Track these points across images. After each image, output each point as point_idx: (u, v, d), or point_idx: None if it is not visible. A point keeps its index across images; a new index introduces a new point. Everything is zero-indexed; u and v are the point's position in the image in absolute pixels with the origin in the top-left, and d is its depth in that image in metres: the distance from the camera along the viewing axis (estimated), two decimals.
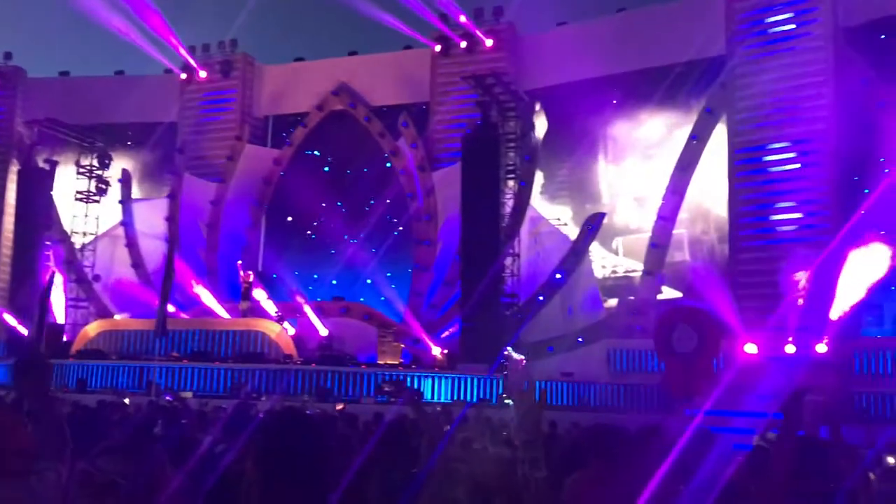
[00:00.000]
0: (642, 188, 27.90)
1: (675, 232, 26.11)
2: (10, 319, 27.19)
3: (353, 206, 31.42)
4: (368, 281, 30.55)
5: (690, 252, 26.93)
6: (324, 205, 31.62)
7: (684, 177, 25.60)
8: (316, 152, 33.22)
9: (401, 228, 30.83)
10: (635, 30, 27.74)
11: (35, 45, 38.55)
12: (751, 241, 24.43)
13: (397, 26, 31.01)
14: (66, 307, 29.41)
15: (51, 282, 26.24)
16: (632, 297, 25.96)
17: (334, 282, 31.12)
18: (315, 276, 31.49)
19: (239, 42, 34.24)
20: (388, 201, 30.76)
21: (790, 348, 19.32)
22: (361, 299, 29.25)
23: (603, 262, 28.35)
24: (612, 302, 26.88)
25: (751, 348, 20.15)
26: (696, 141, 25.59)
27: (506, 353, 21.49)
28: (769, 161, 24.37)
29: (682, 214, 26.23)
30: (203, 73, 33.79)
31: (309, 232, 32.99)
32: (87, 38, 35.54)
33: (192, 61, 33.83)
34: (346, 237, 31.49)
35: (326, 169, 33.00)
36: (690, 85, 26.27)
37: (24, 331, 26.70)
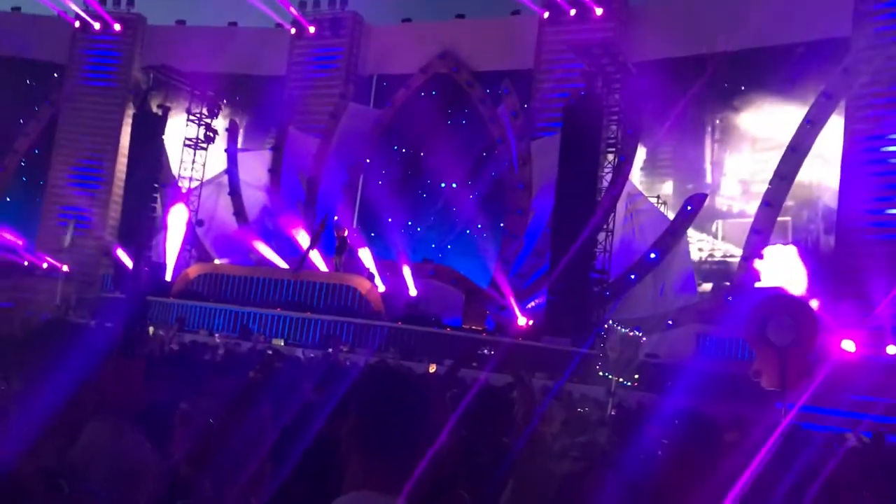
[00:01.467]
0: (749, 171, 26.94)
1: (779, 219, 25.15)
2: (123, 255, 28.59)
3: (451, 171, 31.49)
4: (456, 245, 30.71)
5: (794, 240, 25.93)
6: (422, 167, 31.85)
7: (794, 162, 24.54)
8: (417, 114, 33.34)
9: (495, 193, 30.74)
10: (755, 5, 26.54)
11: None
12: (860, 234, 23.30)
13: None
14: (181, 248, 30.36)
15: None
16: (727, 283, 25.26)
17: (422, 239, 31.42)
18: (405, 229, 31.83)
19: (348, 0, 34.59)
20: (484, 167, 30.73)
21: (893, 349, 18.49)
22: (456, 263, 29.43)
23: (700, 244, 27.63)
24: (707, 286, 26.22)
25: (848, 345, 19.37)
26: (811, 125, 24.44)
27: (607, 326, 21.23)
28: (888, 152, 23.11)
29: (789, 201, 25.22)
30: (312, 29, 34.34)
31: (405, 191, 33.31)
32: None
33: (301, 17, 34.41)
34: (442, 200, 31.67)
35: (426, 131, 33.12)
36: (810, 67, 25.04)
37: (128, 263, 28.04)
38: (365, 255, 27.76)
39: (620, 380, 17.52)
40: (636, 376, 19.48)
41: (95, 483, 2.22)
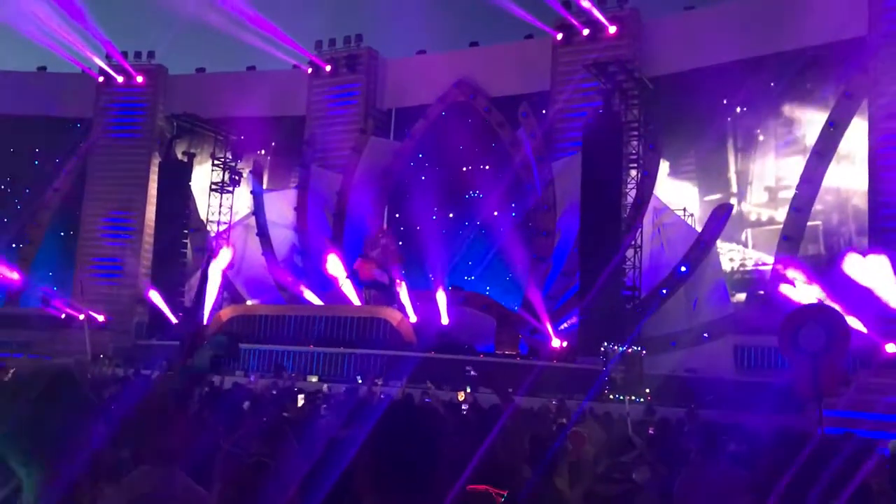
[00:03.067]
0: (774, 177, 26.68)
1: (809, 223, 24.82)
2: (157, 298, 29.01)
3: (473, 198, 31.62)
4: (486, 271, 30.68)
5: (826, 244, 25.56)
6: (444, 196, 31.97)
7: (820, 166, 24.25)
8: (436, 144, 33.56)
9: (519, 217, 30.74)
10: (767, 11, 26.44)
11: (175, 43, 40.73)
12: (893, 233, 22.91)
13: (519, 14, 30.88)
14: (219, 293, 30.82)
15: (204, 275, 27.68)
16: (761, 292, 24.90)
17: (470, 276, 31.41)
18: (431, 258, 31.92)
19: (364, 36, 35.08)
20: (507, 192, 30.78)
21: None
22: (488, 289, 29.43)
23: (731, 254, 27.33)
24: (741, 296, 25.89)
25: (892, 349, 18.98)
26: (834, 128, 24.17)
27: (603, 349, 21.06)
28: None
29: (817, 206, 24.89)
30: (328, 68, 34.85)
31: (429, 222, 33.41)
32: (220, 36, 37.20)
33: (317, 57, 34.96)
34: (463, 228, 31.74)
35: (447, 160, 33.29)
36: (828, 68, 24.85)
37: (172, 318, 28.47)
38: (401, 287, 27.83)
39: (632, 398, 17.37)
40: (647, 391, 19.29)
41: None
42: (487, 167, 32.05)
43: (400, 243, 30.07)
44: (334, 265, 28.81)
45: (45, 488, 1.90)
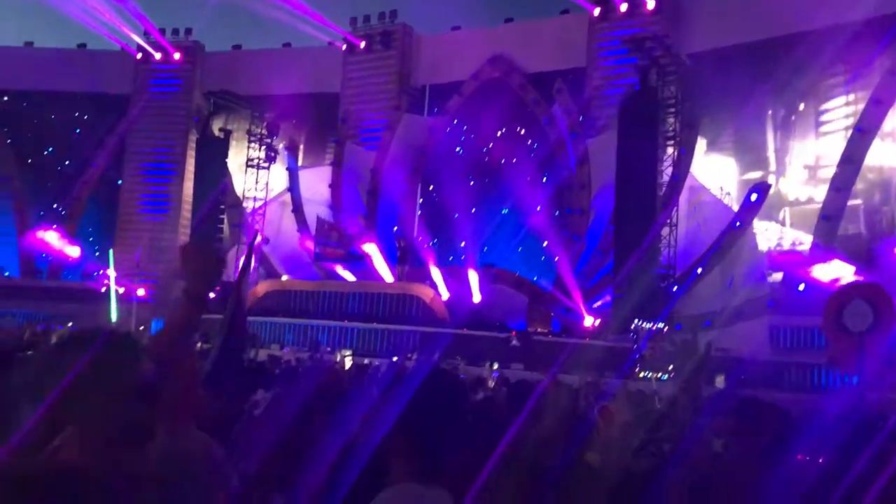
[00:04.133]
0: (814, 156, 26.20)
1: (849, 203, 24.36)
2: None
3: (507, 174, 31.49)
4: (518, 248, 30.67)
5: (866, 224, 25.09)
6: (478, 173, 31.92)
7: (862, 144, 23.74)
8: (471, 121, 33.45)
9: (553, 194, 30.59)
10: None
11: (211, 20, 41.04)
12: None
13: None
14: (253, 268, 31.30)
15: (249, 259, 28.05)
16: (799, 272, 24.54)
17: (482, 244, 31.47)
18: (465, 236, 31.98)
19: (398, 12, 34.98)
20: (541, 169, 30.65)
21: None
22: (519, 268, 29.39)
23: (768, 233, 26.96)
24: (777, 276, 25.55)
25: None
26: (877, 105, 23.63)
27: (633, 327, 20.98)
28: None
29: (858, 184, 24.41)
30: (363, 45, 34.82)
31: (463, 198, 33.41)
32: (256, 13, 37.42)
33: (351, 33, 34.96)
34: (499, 205, 31.69)
35: (481, 137, 33.20)
36: (871, 44, 24.23)
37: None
38: (429, 262, 27.97)
39: (659, 375, 17.33)
40: (670, 367, 19.20)
41: (177, 484, 2.31)
42: (521, 144, 31.89)
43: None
44: (374, 254, 29.14)
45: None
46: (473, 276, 26.79)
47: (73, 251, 26.65)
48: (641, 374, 18.27)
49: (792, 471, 3.25)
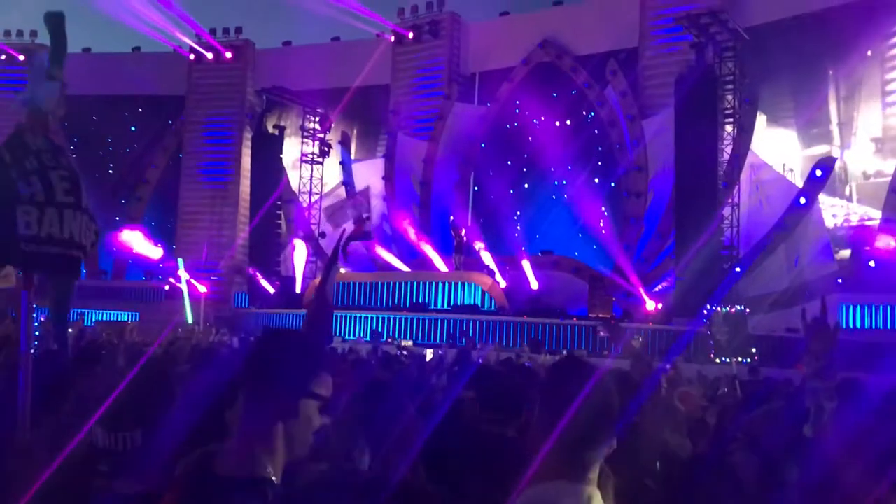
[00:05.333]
0: (881, 127, 25.32)
1: None
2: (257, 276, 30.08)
3: (561, 159, 31.17)
4: (577, 234, 30.36)
5: None
6: (531, 159, 31.68)
7: None
8: (522, 107, 33.19)
9: (609, 178, 30.19)
10: None
11: (261, 18, 41.46)
12: None
13: None
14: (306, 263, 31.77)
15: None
16: (868, 248, 23.78)
17: (537, 232, 31.28)
18: (520, 223, 31.81)
19: (446, 0, 34.83)
20: (595, 152, 30.29)
21: None
22: (576, 253, 29.18)
23: (834, 209, 26.18)
24: (845, 253, 24.81)
25: None
26: None
27: (707, 310, 20.55)
28: None
29: None
30: (411, 35, 34.81)
31: (516, 185, 33.24)
32: (304, 9, 37.66)
33: (399, 25, 35.00)
34: (553, 191, 31.41)
35: (533, 123, 32.93)
36: None
37: (269, 288, 29.32)
38: (481, 250, 27.91)
39: (739, 359, 16.96)
40: (753, 350, 18.76)
41: None
42: (574, 128, 31.53)
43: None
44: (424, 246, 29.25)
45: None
46: (527, 265, 26.65)
47: (156, 252, 27.28)
48: (718, 360, 17.91)
49: None
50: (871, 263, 22.49)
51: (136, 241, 26.73)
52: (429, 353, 13.86)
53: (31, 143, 2.64)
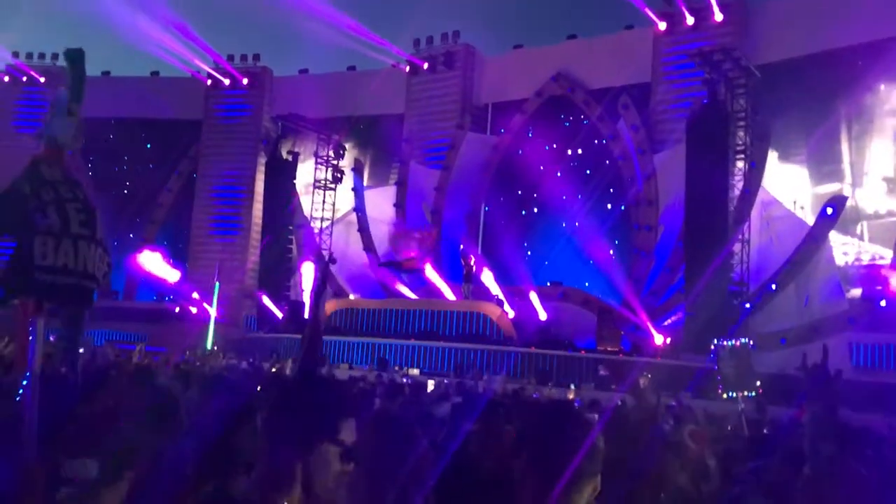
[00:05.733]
0: (893, 167, 25.32)
1: None
2: (266, 300, 30.12)
3: (571, 191, 31.30)
4: (585, 266, 30.37)
5: None
6: (542, 190, 31.81)
7: None
8: (534, 138, 33.39)
9: (619, 211, 30.25)
10: None
11: (280, 46, 42.01)
12: None
13: (619, 5, 30.37)
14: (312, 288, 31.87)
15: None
16: (879, 287, 23.67)
17: (546, 262, 31.30)
18: (528, 254, 31.82)
19: (461, 33, 35.26)
20: (606, 185, 30.37)
21: None
22: (586, 284, 29.16)
23: (845, 248, 26.10)
24: (856, 292, 24.69)
25: None
26: None
27: (715, 346, 20.45)
28: None
29: None
30: (426, 66, 35.20)
31: (526, 216, 33.35)
32: (322, 38, 38.21)
33: (414, 55, 35.42)
34: (563, 222, 31.49)
35: (544, 154, 33.09)
36: None
37: (277, 312, 29.38)
38: (489, 280, 27.92)
39: (745, 393, 16.84)
40: (758, 383, 18.63)
41: None
42: (586, 161, 31.68)
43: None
44: (431, 274, 29.35)
45: None
46: (534, 297, 26.65)
47: (174, 275, 27.39)
48: (725, 395, 17.79)
49: None
50: (883, 303, 22.38)
51: (155, 264, 26.87)
52: (430, 384, 13.82)
53: (48, 174, 2.73)
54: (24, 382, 2.76)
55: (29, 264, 2.66)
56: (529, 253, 32.26)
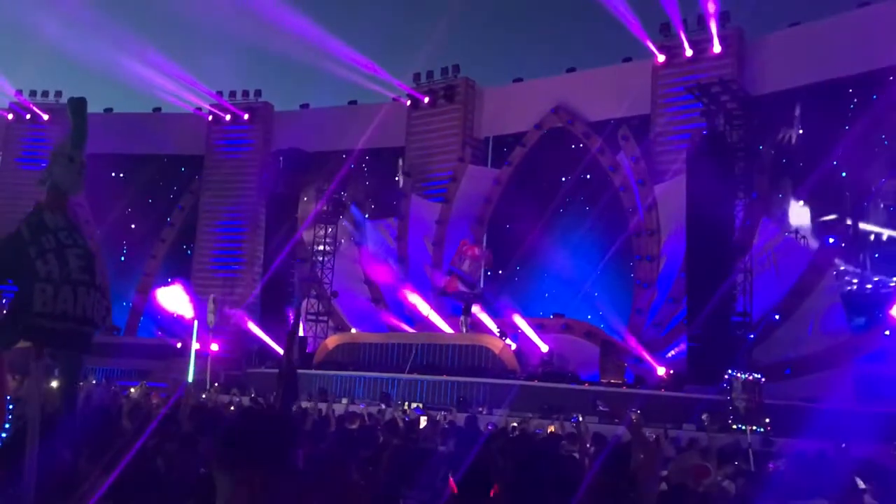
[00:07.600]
0: (894, 195, 25.36)
1: None
2: (259, 332, 29.96)
3: (572, 223, 31.34)
4: (588, 297, 30.29)
5: None
6: (542, 222, 31.84)
7: None
8: (535, 170, 33.53)
9: (620, 244, 30.25)
10: (877, 25, 25.35)
11: (281, 80, 42.40)
12: None
13: (617, 38, 30.71)
14: (304, 323, 31.76)
15: (296, 322, 28.41)
16: (882, 315, 23.58)
17: (546, 294, 31.24)
18: (529, 285, 31.77)
19: (461, 66, 35.60)
20: (607, 216, 30.41)
21: None
22: (588, 317, 29.08)
23: (848, 276, 26.05)
24: (861, 321, 24.59)
25: None
26: None
27: (727, 377, 20.31)
28: None
29: None
30: (427, 100, 35.50)
31: (527, 247, 33.33)
32: (323, 72, 38.57)
33: (415, 89, 35.74)
34: (564, 254, 31.46)
35: (545, 186, 33.20)
36: None
37: (278, 348, 29.21)
38: (479, 313, 27.86)
39: (754, 428, 16.70)
40: (766, 420, 18.47)
41: None
42: (586, 192, 31.76)
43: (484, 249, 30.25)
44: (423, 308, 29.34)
45: None
46: (530, 330, 26.51)
47: (190, 311, 27.26)
48: (735, 426, 17.63)
49: None
50: (887, 333, 22.28)
51: (174, 299, 26.74)
52: (423, 420, 13.69)
53: (50, 221, 2.76)
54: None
55: (29, 310, 2.68)
56: (533, 284, 32.22)
